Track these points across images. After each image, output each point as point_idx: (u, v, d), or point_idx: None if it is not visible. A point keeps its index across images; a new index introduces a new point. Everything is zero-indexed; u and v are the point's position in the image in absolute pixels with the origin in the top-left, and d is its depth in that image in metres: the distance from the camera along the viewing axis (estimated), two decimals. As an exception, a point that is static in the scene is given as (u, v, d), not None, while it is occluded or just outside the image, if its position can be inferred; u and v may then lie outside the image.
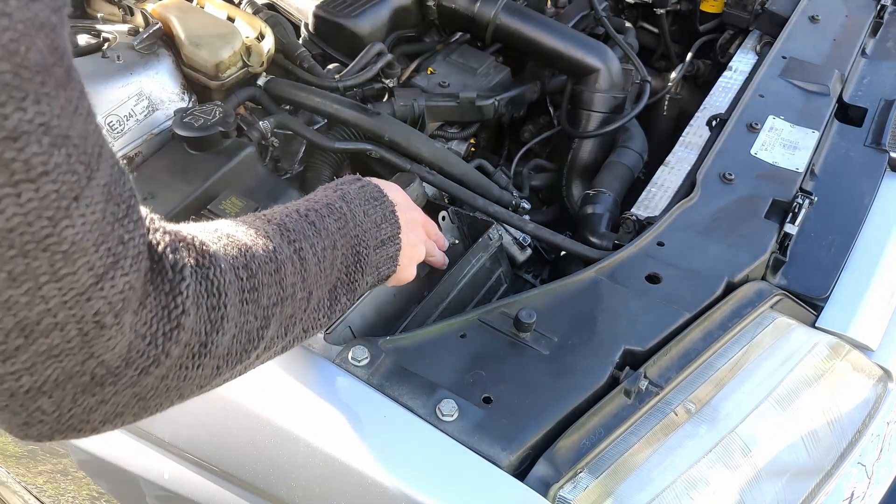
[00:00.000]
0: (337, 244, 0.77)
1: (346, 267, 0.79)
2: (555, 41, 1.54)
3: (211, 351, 0.60)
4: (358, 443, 0.82)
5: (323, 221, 0.77)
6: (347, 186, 0.84)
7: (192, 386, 0.60)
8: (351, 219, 0.80)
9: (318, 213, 0.77)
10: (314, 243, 0.74)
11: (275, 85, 1.35)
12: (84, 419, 0.53)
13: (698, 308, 1.00)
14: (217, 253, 0.61)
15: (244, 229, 0.68)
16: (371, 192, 0.85)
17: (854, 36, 1.58)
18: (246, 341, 0.64)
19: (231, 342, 0.62)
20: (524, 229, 1.25)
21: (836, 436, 0.96)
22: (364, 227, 0.81)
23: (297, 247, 0.71)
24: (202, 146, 1.19)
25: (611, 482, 0.82)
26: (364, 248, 0.81)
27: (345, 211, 0.80)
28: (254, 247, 0.67)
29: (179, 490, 0.99)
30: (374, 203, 0.84)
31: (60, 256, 0.46)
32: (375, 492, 0.81)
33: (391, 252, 0.85)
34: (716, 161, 1.26)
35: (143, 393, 0.55)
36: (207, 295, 0.58)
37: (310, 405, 0.86)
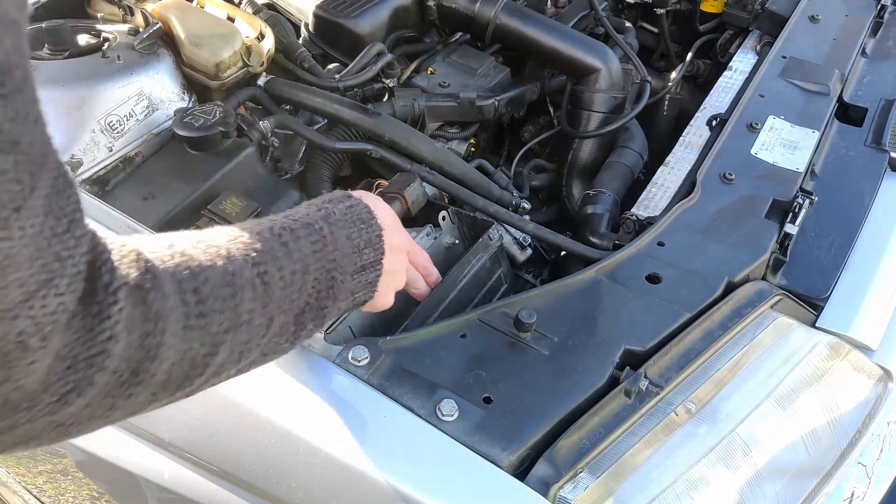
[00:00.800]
0: (309, 268, 0.73)
1: (318, 292, 0.74)
2: (555, 41, 1.54)
3: (144, 380, 0.56)
4: (358, 443, 0.82)
5: (297, 242, 0.72)
6: (334, 205, 0.80)
7: (121, 413, 0.57)
8: (330, 241, 0.75)
9: (293, 232, 0.73)
10: (282, 266, 0.69)
11: (275, 85, 1.35)
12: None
13: (698, 308, 1.00)
14: (162, 274, 0.57)
15: (203, 247, 0.64)
16: (359, 213, 0.81)
17: (854, 36, 1.58)
18: (189, 368, 0.60)
19: (170, 369, 0.58)
20: (524, 229, 1.25)
21: (837, 436, 0.96)
22: (343, 252, 0.77)
23: (262, 270, 0.67)
24: (202, 146, 1.19)
25: (611, 482, 0.82)
26: (340, 274, 0.76)
27: (325, 233, 0.75)
28: (210, 268, 0.62)
29: (179, 490, 0.99)
30: (361, 226, 0.80)
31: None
32: (376, 492, 0.81)
33: (370, 278, 0.82)
34: (716, 161, 1.26)
35: (63, 420, 0.52)
36: (143, 320, 0.54)
37: (310, 405, 0.86)
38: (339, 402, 0.85)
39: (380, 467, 0.81)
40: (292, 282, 0.70)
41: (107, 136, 1.18)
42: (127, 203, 1.11)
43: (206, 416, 0.91)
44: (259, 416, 0.87)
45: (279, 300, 0.69)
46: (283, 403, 0.87)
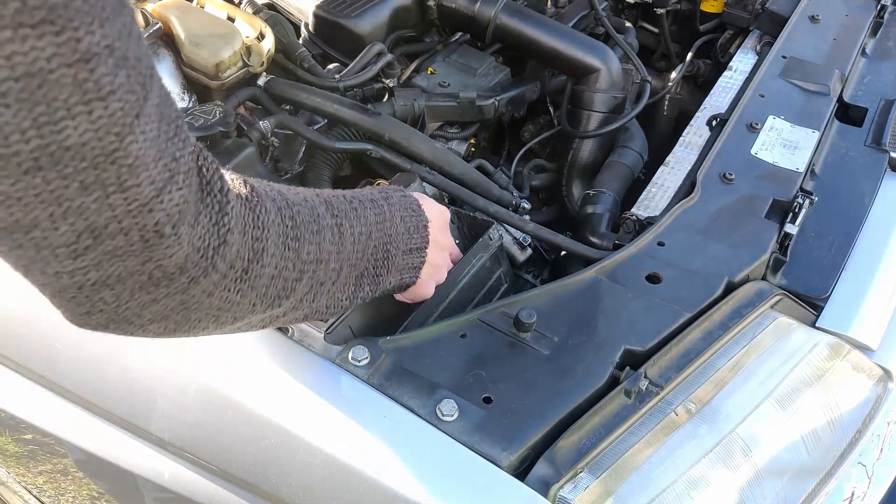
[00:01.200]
0: (372, 234, 0.81)
1: (376, 259, 0.82)
2: (555, 41, 1.54)
3: (251, 280, 0.63)
4: (358, 443, 0.82)
5: (365, 210, 0.81)
6: (392, 191, 0.89)
7: (229, 313, 0.64)
8: (389, 218, 0.84)
9: (361, 202, 0.81)
10: (353, 224, 0.78)
11: (275, 85, 1.35)
12: (137, 313, 0.58)
13: (698, 308, 1.00)
14: (264, 195, 0.65)
15: (294, 191, 0.72)
16: (411, 202, 0.90)
17: (854, 36, 1.58)
18: (281, 287, 0.68)
19: (269, 281, 0.66)
20: (524, 229, 1.25)
21: (837, 436, 0.96)
22: (398, 230, 0.85)
23: (339, 221, 0.75)
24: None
25: (611, 482, 0.82)
26: (394, 249, 0.84)
27: (385, 210, 0.84)
28: (301, 205, 0.70)
29: (179, 490, 0.99)
30: (411, 213, 0.88)
31: (126, 169, 0.50)
32: (375, 492, 0.81)
33: (416, 262, 0.89)
34: (716, 161, 1.26)
35: (190, 302, 0.60)
36: (252, 225, 0.62)
37: (310, 405, 0.86)
38: (339, 402, 0.85)
39: (380, 467, 0.81)
40: (359, 241, 0.78)
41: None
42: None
43: (205, 415, 0.91)
44: (259, 415, 0.87)
45: (349, 253, 0.77)
46: (283, 403, 0.87)
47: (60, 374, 1.03)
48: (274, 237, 0.65)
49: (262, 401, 0.87)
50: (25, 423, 1.12)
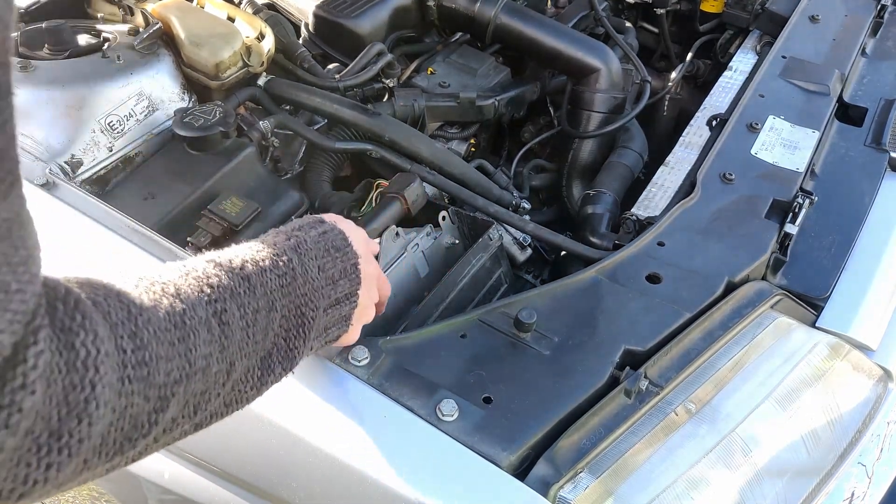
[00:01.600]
0: (275, 304, 0.65)
1: (286, 331, 0.67)
2: (555, 41, 1.54)
3: (69, 445, 0.46)
4: (358, 443, 0.82)
5: (262, 276, 0.65)
6: (305, 233, 0.73)
7: (41, 490, 0.46)
8: (301, 274, 0.69)
9: (258, 265, 0.65)
10: (243, 303, 0.62)
11: (275, 85, 1.35)
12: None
13: (698, 308, 1.00)
14: (94, 314, 0.48)
15: (146, 284, 0.56)
16: (333, 240, 0.74)
17: (854, 36, 1.58)
18: (130, 428, 0.51)
19: (106, 431, 0.49)
20: (524, 229, 1.25)
21: (837, 436, 0.96)
22: (315, 286, 0.70)
23: (219, 307, 0.59)
24: (202, 146, 1.19)
25: (611, 482, 0.82)
26: (311, 311, 0.70)
27: (294, 265, 0.68)
28: (153, 307, 0.54)
29: (180, 490, 0.99)
30: (336, 255, 0.74)
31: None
32: (376, 492, 0.81)
33: (345, 311, 0.76)
34: (716, 161, 1.26)
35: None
36: (69, 369, 0.45)
37: (310, 405, 0.86)
38: (339, 402, 0.85)
39: (380, 467, 0.81)
40: (255, 321, 0.63)
41: (107, 136, 1.18)
42: (127, 203, 1.11)
43: (206, 416, 0.91)
44: (259, 416, 0.87)
45: (240, 342, 0.61)
46: (284, 403, 0.87)
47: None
48: (107, 376, 0.48)
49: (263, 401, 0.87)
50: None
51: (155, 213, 1.11)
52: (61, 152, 1.14)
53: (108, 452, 0.50)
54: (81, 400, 0.46)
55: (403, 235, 1.11)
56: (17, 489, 0.44)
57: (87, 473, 0.50)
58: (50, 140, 1.13)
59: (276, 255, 0.68)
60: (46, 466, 0.45)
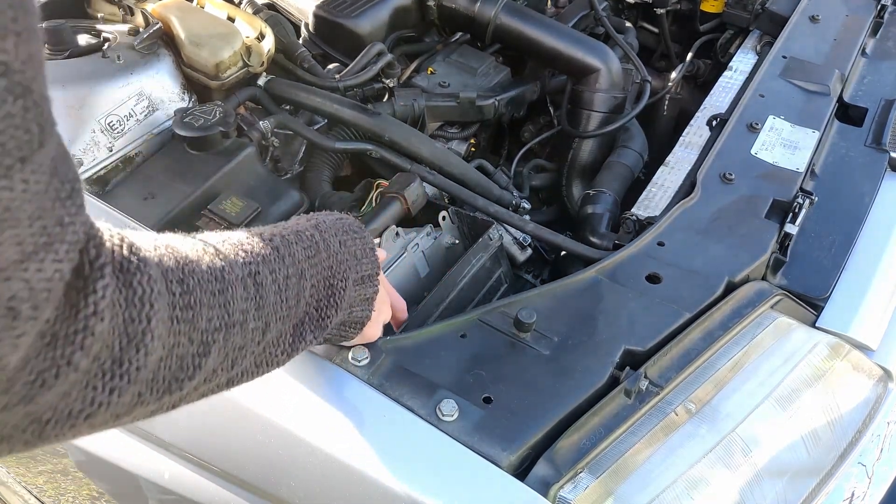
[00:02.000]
0: (305, 273, 0.69)
1: (318, 301, 0.71)
2: (555, 41, 1.54)
3: (128, 372, 0.50)
4: (358, 443, 0.82)
5: (290, 248, 0.68)
6: (323, 216, 0.77)
7: (104, 414, 0.50)
8: (324, 248, 0.72)
9: (284, 238, 0.69)
10: (275, 269, 0.65)
11: (275, 85, 1.35)
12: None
13: (698, 308, 1.00)
14: (148, 258, 0.53)
15: (191, 243, 0.61)
16: (349, 224, 0.78)
17: (854, 36, 1.58)
18: (177, 367, 0.55)
19: (157, 365, 0.53)
20: (524, 229, 1.25)
21: (837, 436, 0.95)
22: (339, 259, 0.73)
23: (253, 269, 0.63)
24: (202, 146, 1.19)
25: (611, 482, 0.82)
26: (340, 281, 0.73)
27: (316, 239, 0.72)
28: (197, 261, 0.58)
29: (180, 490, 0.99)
30: (353, 235, 0.77)
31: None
32: (376, 492, 0.81)
33: (368, 293, 0.78)
34: (716, 161, 1.26)
35: (39, 413, 0.46)
36: (128, 303, 0.49)
37: (310, 405, 0.86)
38: (339, 402, 0.85)
39: (380, 467, 0.81)
40: (287, 286, 0.66)
41: (107, 136, 1.18)
42: (127, 203, 1.11)
43: (206, 416, 0.91)
44: (259, 416, 0.87)
45: (274, 305, 0.65)
46: (284, 403, 0.87)
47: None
48: (160, 313, 0.52)
49: (263, 401, 0.87)
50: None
51: (155, 213, 1.11)
52: (61, 152, 1.13)
53: (158, 389, 0.55)
54: (139, 331, 0.50)
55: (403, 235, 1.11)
56: (85, 410, 0.48)
57: (139, 409, 0.54)
58: (50, 140, 1.13)
59: (300, 231, 0.72)
60: (110, 391, 0.49)
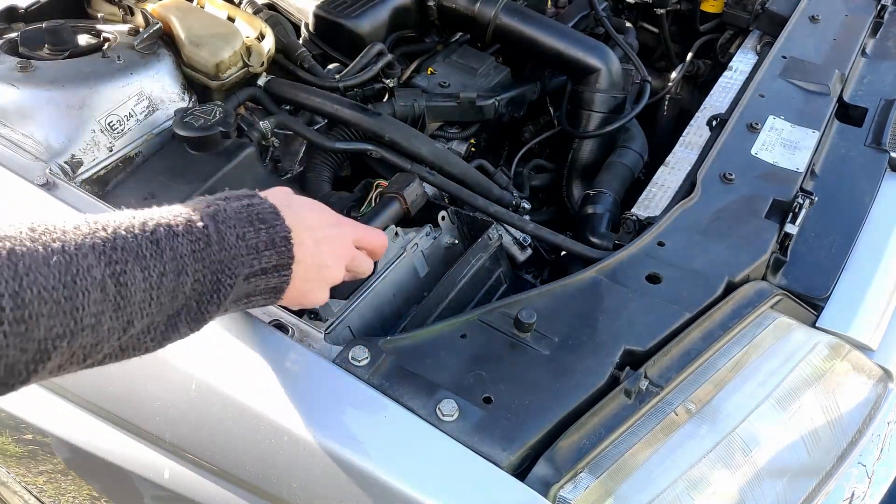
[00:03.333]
0: (186, 269, 0.66)
1: (199, 295, 0.68)
2: (555, 41, 1.54)
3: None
4: (358, 443, 0.82)
5: (173, 241, 0.66)
6: (227, 203, 0.74)
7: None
8: (217, 241, 0.69)
9: (171, 229, 0.66)
10: (148, 265, 0.63)
11: (275, 85, 1.35)
12: None
13: (698, 308, 1.00)
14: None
15: (44, 241, 0.58)
16: (259, 212, 0.74)
17: (854, 36, 1.58)
18: (6, 375, 0.55)
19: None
20: (524, 229, 1.25)
21: (837, 436, 0.96)
22: (233, 253, 0.70)
23: (118, 269, 0.61)
24: (202, 146, 1.19)
25: (611, 482, 0.82)
26: (228, 277, 0.70)
27: (209, 231, 0.69)
28: (42, 266, 0.56)
29: (179, 490, 0.99)
30: (260, 226, 0.74)
31: None
32: (376, 492, 0.81)
33: (273, 282, 0.76)
34: (716, 161, 1.26)
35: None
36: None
37: (310, 405, 0.86)
38: (339, 402, 0.85)
39: (380, 467, 0.81)
40: (161, 284, 0.64)
41: (107, 136, 1.18)
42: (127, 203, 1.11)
43: (205, 415, 0.91)
44: (259, 415, 0.87)
45: (141, 303, 0.63)
46: (284, 403, 0.87)
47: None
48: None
49: (263, 400, 0.87)
50: (25, 423, 1.12)
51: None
52: (61, 152, 1.14)
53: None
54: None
55: (403, 235, 1.11)
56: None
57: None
58: (50, 140, 1.13)
59: (192, 221, 0.69)
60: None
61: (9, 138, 1.12)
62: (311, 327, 0.92)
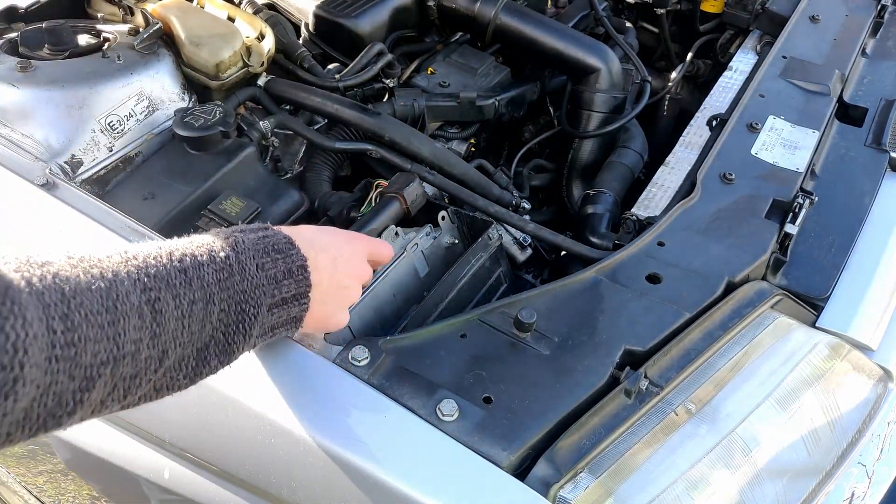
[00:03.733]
0: (213, 298, 0.67)
1: (226, 326, 0.69)
2: (555, 41, 1.54)
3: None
4: (359, 443, 0.82)
5: (199, 270, 0.66)
6: (244, 234, 0.74)
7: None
8: (238, 271, 0.70)
9: (195, 258, 0.67)
10: (179, 294, 0.64)
11: (275, 85, 1.35)
12: None
13: (698, 308, 1.00)
14: (26, 299, 0.52)
15: (85, 266, 0.59)
16: (274, 243, 0.75)
17: (854, 36, 1.58)
18: (55, 405, 0.55)
19: (29, 406, 0.53)
20: (524, 229, 1.25)
21: (837, 436, 0.96)
22: (255, 283, 0.71)
23: (153, 296, 0.62)
24: (202, 146, 1.19)
25: (611, 482, 0.82)
26: (252, 307, 0.71)
27: (231, 262, 0.69)
28: (86, 291, 0.57)
29: (180, 490, 0.99)
30: (277, 256, 0.74)
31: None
32: (376, 492, 0.81)
33: (294, 313, 0.77)
34: (716, 161, 1.26)
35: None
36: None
37: (310, 405, 0.86)
38: (339, 402, 0.85)
39: (380, 467, 0.81)
40: (191, 312, 0.65)
41: (107, 136, 1.18)
42: (127, 203, 1.11)
43: (206, 416, 0.91)
44: (259, 415, 0.87)
45: (174, 332, 0.63)
46: (284, 403, 0.87)
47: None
48: (35, 357, 0.51)
49: (263, 401, 0.87)
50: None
51: (155, 213, 1.11)
52: (61, 152, 1.14)
53: (31, 427, 0.54)
54: (9, 379, 0.50)
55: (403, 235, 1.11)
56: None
57: (8, 446, 0.54)
58: (50, 140, 1.13)
59: (214, 251, 0.69)
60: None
61: (9, 138, 1.12)
62: (311, 327, 0.92)
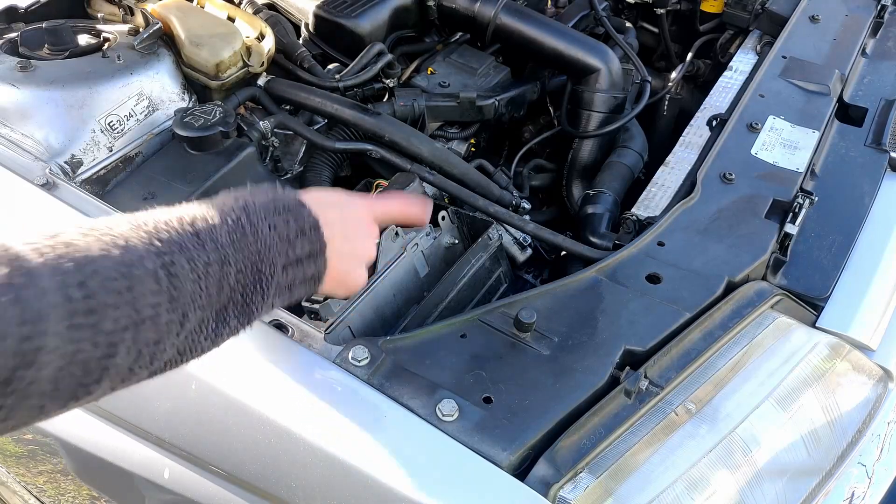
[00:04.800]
0: (228, 259, 0.67)
1: (243, 287, 0.68)
2: (555, 41, 1.54)
3: (20, 389, 0.51)
4: (358, 443, 0.82)
5: (213, 232, 0.66)
6: (253, 196, 0.73)
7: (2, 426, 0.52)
8: (251, 232, 0.69)
9: (207, 221, 0.67)
10: (193, 257, 0.63)
11: (275, 85, 1.35)
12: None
13: (698, 308, 1.00)
14: (37, 268, 0.52)
15: (97, 234, 0.59)
16: (285, 203, 0.74)
17: (854, 36, 1.58)
18: (82, 374, 0.55)
19: (56, 376, 0.53)
20: (524, 229, 1.25)
21: (837, 436, 0.96)
22: (268, 243, 0.71)
23: (168, 260, 0.61)
24: (202, 146, 1.19)
25: (611, 482, 0.82)
26: (268, 267, 0.70)
27: (243, 223, 0.69)
28: (101, 258, 0.57)
29: (179, 490, 0.99)
30: (287, 215, 0.74)
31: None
32: (376, 492, 0.81)
33: (310, 272, 0.76)
34: (716, 161, 1.26)
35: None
36: (19, 322, 0.50)
37: (310, 405, 0.86)
38: (339, 402, 0.85)
39: (380, 467, 0.81)
40: (207, 274, 0.64)
41: (107, 136, 1.18)
42: (127, 203, 1.11)
43: (205, 415, 0.91)
44: (259, 415, 0.87)
45: (192, 294, 0.63)
46: (284, 403, 0.87)
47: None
48: (55, 325, 0.52)
49: (262, 400, 0.87)
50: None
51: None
52: (61, 152, 1.14)
53: (62, 397, 0.55)
54: (32, 349, 0.50)
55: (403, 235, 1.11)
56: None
57: (42, 416, 0.55)
58: (50, 140, 1.13)
59: (225, 213, 0.69)
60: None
61: (9, 138, 1.12)
62: (311, 327, 0.92)
